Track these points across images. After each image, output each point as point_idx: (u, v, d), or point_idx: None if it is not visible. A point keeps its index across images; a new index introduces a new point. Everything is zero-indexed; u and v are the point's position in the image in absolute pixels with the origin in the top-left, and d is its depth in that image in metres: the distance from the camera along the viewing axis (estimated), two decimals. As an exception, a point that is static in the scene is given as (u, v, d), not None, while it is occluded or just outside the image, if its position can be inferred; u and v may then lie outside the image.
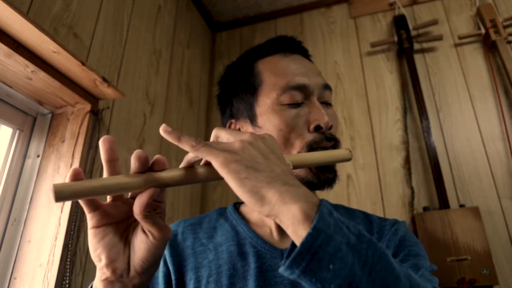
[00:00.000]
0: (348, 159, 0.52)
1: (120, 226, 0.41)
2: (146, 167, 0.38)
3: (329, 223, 0.32)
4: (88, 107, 1.08)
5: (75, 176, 0.35)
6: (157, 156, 0.39)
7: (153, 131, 1.40)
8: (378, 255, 0.33)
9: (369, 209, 1.45)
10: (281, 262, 0.55)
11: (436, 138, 1.48)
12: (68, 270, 0.92)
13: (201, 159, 0.39)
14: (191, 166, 0.39)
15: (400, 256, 0.54)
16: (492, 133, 1.43)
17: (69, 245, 0.93)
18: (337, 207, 0.68)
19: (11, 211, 0.98)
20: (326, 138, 0.58)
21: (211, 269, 0.57)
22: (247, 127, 0.63)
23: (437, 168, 1.37)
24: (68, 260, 0.92)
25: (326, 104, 0.63)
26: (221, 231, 0.63)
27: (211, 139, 0.42)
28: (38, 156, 1.05)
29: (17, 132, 1.04)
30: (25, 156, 1.05)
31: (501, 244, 1.28)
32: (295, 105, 0.59)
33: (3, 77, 0.94)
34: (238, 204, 0.69)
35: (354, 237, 0.33)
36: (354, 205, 1.49)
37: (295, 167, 0.44)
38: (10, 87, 0.98)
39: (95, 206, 0.39)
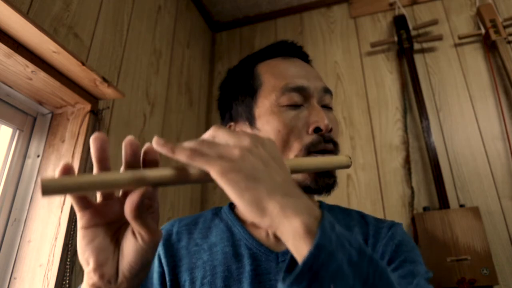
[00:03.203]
0: (347, 166, 0.51)
1: (111, 227, 0.39)
2: (138, 155, 0.38)
3: (330, 238, 0.32)
4: (88, 107, 1.08)
5: (65, 171, 0.34)
6: (147, 145, 0.38)
7: (153, 131, 1.40)
8: (379, 274, 0.33)
9: (369, 209, 1.45)
10: (276, 265, 0.55)
11: (436, 138, 1.48)
12: (68, 270, 0.92)
13: None
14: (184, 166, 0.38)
15: (396, 262, 0.53)
16: (492, 133, 1.43)
17: (69, 245, 0.93)
18: (333, 207, 0.67)
19: (11, 211, 0.98)
20: (325, 140, 0.57)
21: (205, 270, 0.56)
22: (246, 130, 0.62)
23: (437, 168, 1.37)
24: (68, 260, 0.92)
25: (327, 107, 0.62)
26: (216, 231, 0.62)
27: (206, 136, 0.40)
28: (38, 156, 1.05)
29: (17, 132, 1.04)
30: (25, 156, 1.05)
31: (501, 244, 1.28)
32: (294, 106, 0.59)
33: (3, 77, 0.94)
34: (233, 204, 0.69)
35: (355, 253, 0.32)
36: (354, 205, 1.49)
37: (292, 172, 0.42)
38: (10, 87, 0.98)
39: (85, 205, 0.38)
